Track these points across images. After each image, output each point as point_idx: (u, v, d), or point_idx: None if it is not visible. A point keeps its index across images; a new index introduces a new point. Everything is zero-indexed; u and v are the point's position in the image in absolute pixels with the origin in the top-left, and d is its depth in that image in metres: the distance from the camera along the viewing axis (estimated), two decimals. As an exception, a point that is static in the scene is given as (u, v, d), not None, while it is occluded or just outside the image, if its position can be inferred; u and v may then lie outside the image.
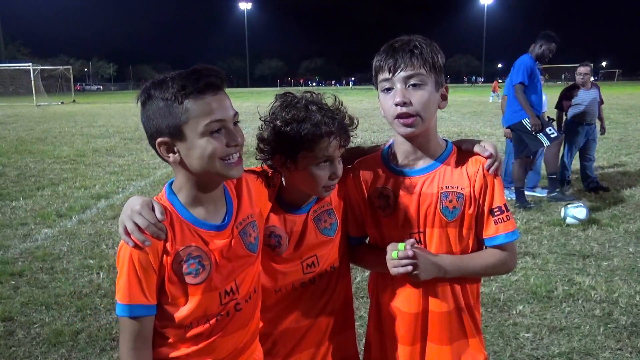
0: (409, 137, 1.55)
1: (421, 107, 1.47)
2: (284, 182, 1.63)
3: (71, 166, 9.76)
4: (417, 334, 1.62)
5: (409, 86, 1.47)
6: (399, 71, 1.47)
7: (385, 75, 1.49)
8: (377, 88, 1.56)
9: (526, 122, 6.04)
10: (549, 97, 7.45)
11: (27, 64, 41.13)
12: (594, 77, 7.57)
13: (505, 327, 3.39)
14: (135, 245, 1.29)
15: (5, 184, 8.15)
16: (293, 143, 1.47)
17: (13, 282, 4.23)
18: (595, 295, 3.82)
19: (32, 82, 37.76)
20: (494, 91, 31.69)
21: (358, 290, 3.84)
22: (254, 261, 1.48)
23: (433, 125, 1.57)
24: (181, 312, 1.36)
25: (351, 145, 1.64)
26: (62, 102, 37.23)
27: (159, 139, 1.31)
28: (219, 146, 1.29)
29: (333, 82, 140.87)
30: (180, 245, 1.34)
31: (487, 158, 1.56)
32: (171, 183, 1.42)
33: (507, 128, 6.59)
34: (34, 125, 18.94)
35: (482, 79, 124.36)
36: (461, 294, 1.61)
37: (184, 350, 1.39)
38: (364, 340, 1.84)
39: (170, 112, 1.27)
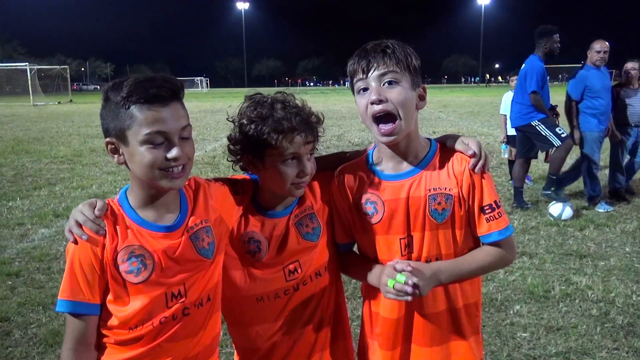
0: (391, 145, 1.53)
1: (398, 104, 1.44)
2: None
3: (68, 166, 9.74)
4: (398, 338, 1.61)
5: (384, 84, 1.45)
6: (372, 70, 1.46)
7: (360, 75, 1.48)
8: (353, 93, 1.55)
9: (536, 124, 6.03)
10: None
11: (24, 64, 40.97)
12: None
13: (503, 327, 3.39)
14: (74, 240, 1.34)
15: (2, 184, 8.13)
16: (258, 141, 1.48)
17: (10, 283, 4.21)
18: (592, 295, 3.83)
19: (29, 81, 37.64)
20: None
21: (356, 291, 3.84)
22: (208, 267, 1.47)
23: (414, 126, 1.54)
24: (125, 312, 1.37)
25: (345, 148, 1.63)
26: (59, 102, 37.16)
27: (107, 139, 1.37)
28: (158, 157, 1.30)
29: (330, 82, 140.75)
30: (123, 244, 1.36)
31: (470, 157, 1.53)
32: (128, 187, 1.45)
33: (514, 128, 6.50)
34: (30, 125, 18.89)
35: (494, 79, 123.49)
36: (458, 294, 1.58)
37: (129, 353, 1.39)
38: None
39: (118, 115, 1.31)
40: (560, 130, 5.97)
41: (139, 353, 1.39)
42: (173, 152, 1.30)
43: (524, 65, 6.22)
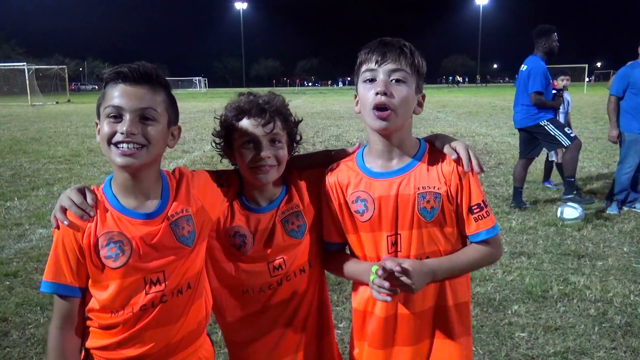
0: (382, 134, 1.55)
1: (400, 102, 1.48)
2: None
3: (66, 166, 9.72)
4: (387, 337, 1.61)
5: (392, 80, 1.49)
6: (386, 63, 1.49)
7: (371, 65, 1.50)
8: (357, 82, 1.57)
9: (544, 124, 6.01)
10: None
11: (21, 64, 40.95)
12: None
13: (501, 327, 3.40)
14: (57, 226, 1.40)
15: (-1, 184, 8.11)
16: (224, 127, 1.62)
17: (7, 283, 4.21)
18: (590, 295, 3.84)
19: (27, 81, 37.56)
20: None
21: (354, 290, 3.84)
22: (188, 254, 1.50)
23: (408, 126, 1.58)
24: (104, 295, 1.43)
25: (334, 148, 1.65)
26: (57, 102, 37.05)
27: (96, 121, 1.46)
28: (111, 130, 1.37)
29: (329, 82, 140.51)
30: (103, 230, 1.41)
31: (454, 162, 1.55)
32: (113, 175, 1.50)
33: (520, 130, 6.35)
34: (28, 125, 18.85)
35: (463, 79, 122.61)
36: (448, 292, 1.59)
37: (111, 339, 1.45)
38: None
39: (100, 95, 1.43)
40: (568, 130, 5.98)
41: (121, 339, 1.45)
42: (122, 127, 1.36)
43: (525, 66, 6.20)
